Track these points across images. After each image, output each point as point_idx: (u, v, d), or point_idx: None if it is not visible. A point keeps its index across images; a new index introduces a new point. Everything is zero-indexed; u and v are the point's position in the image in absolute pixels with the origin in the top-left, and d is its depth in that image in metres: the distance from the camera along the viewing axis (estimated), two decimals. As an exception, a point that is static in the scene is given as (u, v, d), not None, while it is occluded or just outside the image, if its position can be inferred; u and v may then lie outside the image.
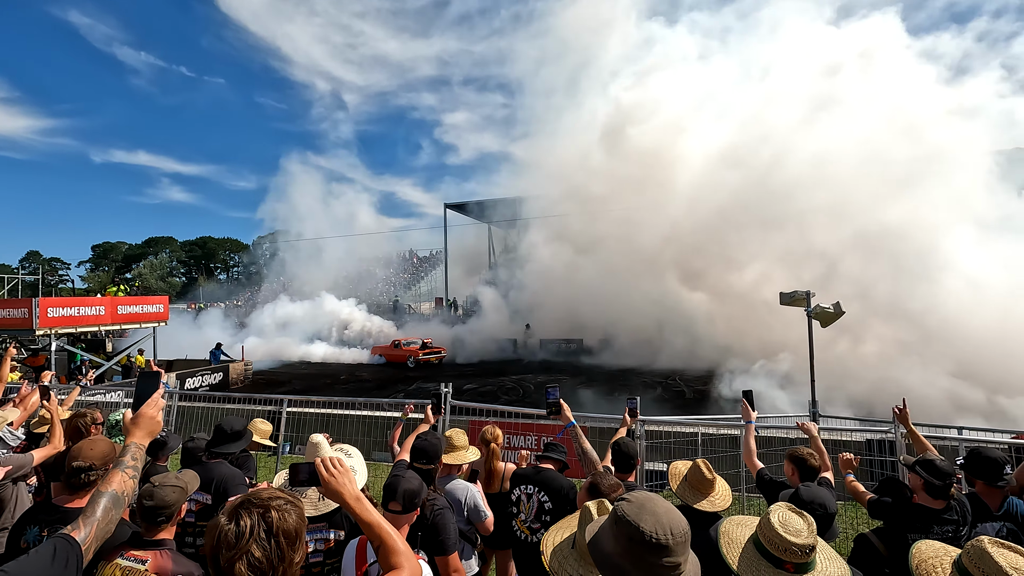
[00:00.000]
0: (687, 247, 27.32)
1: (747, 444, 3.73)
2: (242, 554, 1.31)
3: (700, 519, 3.04)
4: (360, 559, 2.38)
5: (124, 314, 19.55)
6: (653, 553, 1.28)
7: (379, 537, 1.63)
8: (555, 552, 1.82)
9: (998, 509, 3.00)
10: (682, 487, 3.18)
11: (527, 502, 3.52)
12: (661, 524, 1.30)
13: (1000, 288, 17.22)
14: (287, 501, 1.44)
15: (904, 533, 2.87)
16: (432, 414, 4.17)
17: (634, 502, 1.37)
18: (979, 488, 3.09)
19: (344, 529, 2.96)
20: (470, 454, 3.62)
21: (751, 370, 18.10)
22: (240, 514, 1.37)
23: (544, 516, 3.44)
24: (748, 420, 3.92)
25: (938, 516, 2.86)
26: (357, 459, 2.99)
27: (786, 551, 1.76)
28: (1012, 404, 13.98)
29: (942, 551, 1.85)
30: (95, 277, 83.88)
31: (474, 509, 3.32)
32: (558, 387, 3.68)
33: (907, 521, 2.90)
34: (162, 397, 1.99)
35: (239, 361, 23.88)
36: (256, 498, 1.41)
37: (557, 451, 3.80)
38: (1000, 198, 20.67)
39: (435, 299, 44.20)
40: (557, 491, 3.46)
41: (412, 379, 23.80)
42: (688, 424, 6.27)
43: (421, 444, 2.96)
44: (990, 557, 1.62)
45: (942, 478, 2.87)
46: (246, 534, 1.33)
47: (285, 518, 1.39)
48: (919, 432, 3.62)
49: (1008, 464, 3.04)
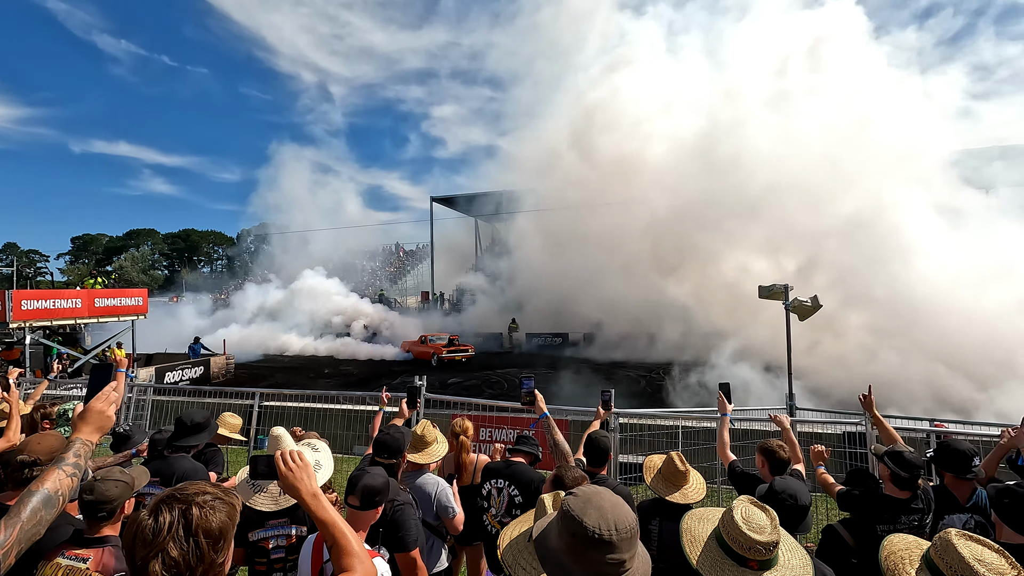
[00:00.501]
0: (665, 241, 27.56)
1: (721, 436, 3.73)
2: (157, 552, 1.23)
3: (673, 511, 3.04)
4: (317, 555, 2.32)
5: (101, 307, 19.13)
6: (596, 549, 1.23)
7: (332, 536, 1.57)
8: (510, 546, 1.76)
9: (967, 501, 3.00)
10: (656, 480, 3.17)
11: (497, 496, 3.48)
12: (605, 519, 1.24)
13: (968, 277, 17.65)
14: (216, 498, 1.34)
15: (872, 524, 2.87)
16: (407, 408, 4.12)
17: (580, 496, 1.32)
18: (948, 480, 3.10)
19: (307, 525, 2.89)
20: (440, 447, 3.53)
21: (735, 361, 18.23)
22: (160, 509, 1.28)
23: (514, 510, 3.40)
24: (723, 412, 3.91)
25: (905, 506, 2.87)
26: (324, 453, 2.91)
27: (750, 549, 1.71)
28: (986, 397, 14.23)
29: (913, 544, 1.83)
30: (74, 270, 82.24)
31: (443, 506, 3.24)
32: (533, 378, 3.63)
33: (875, 512, 2.90)
34: (125, 389, 1.89)
35: (220, 355, 23.56)
36: (181, 493, 1.32)
37: (528, 444, 3.76)
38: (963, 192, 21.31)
39: (421, 293, 44.00)
40: (527, 484, 3.43)
41: (396, 373, 23.66)
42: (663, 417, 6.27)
43: (382, 438, 2.89)
44: (955, 548, 1.62)
45: (909, 469, 2.87)
46: (163, 531, 1.25)
47: (208, 516, 1.29)
48: (887, 423, 3.62)
49: (976, 456, 3.05)
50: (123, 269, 75.37)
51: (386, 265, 48.80)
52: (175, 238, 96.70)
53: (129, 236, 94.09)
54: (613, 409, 4.93)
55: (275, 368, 26.18)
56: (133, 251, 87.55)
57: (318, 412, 9.60)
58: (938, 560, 1.65)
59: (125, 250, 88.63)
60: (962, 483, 3.05)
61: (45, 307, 17.37)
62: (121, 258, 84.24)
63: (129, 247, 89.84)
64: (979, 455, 3.10)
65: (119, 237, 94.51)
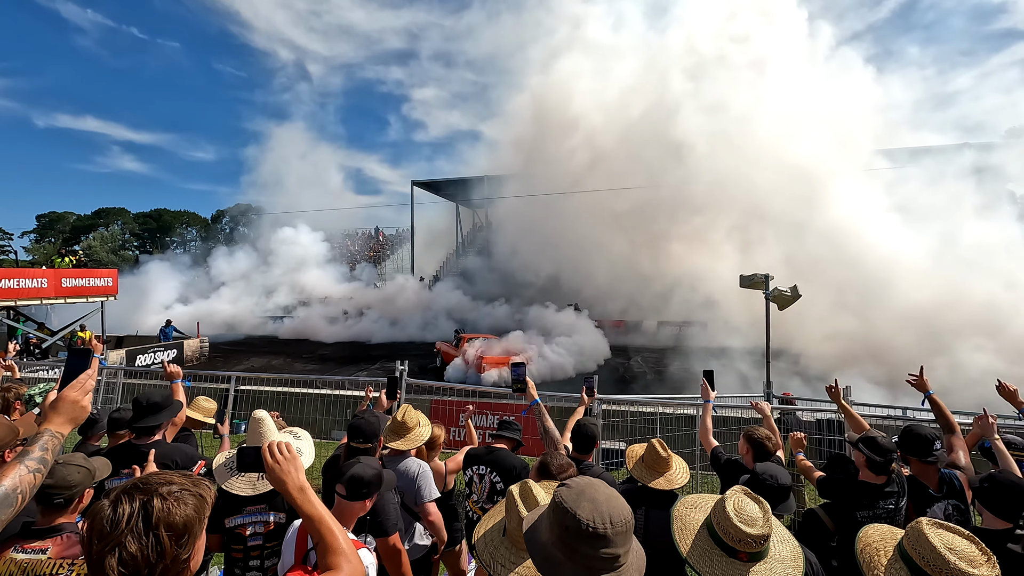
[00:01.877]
0: (640, 223, 27.90)
1: (703, 423, 3.75)
2: (113, 546, 1.14)
3: (657, 498, 3.06)
4: (301, 542, 2.26)
5: (69, 287, 18.54)
6: (589, 543, 1.18)
7: (319, 532, 1.50)
8: (485, 541, 1.73)
9: (938, 488, 3.07)
10: (638, 467, 3.17)
11: (479, 482, 3.46)
12: (600, 512, 1.19)
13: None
14: (183, 489, 1.25)
15: (852, 511, 2.93)
16: (385, 399, 4.00)
17: (573, 488, 1.26)
18: (913, 466, 3.17)
19: (284, 511, 2.83)
20: (423, 430, 3.44)
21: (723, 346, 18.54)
22: (121, 500, 1.19)
23: (496, 496, 3.39)
24: (706, 399, 3.94)
25: (881, 491, 2.93)
26: (305, 441, 2.85)
27: (740, 541, 1.71)
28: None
29: (888, 534, 1.85)
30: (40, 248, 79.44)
31: (419, 487, 3.16)
32: (524, 365, 3.59)
33: (854, 498, 2.95)
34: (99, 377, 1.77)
35: (193, 338, 23.08)
36: (144, 482, 1.23)
37: (511, 429, 3.74)
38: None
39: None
40: (508, 471, 3.41)
41: (375, 357, 23.49)
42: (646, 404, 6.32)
43: (356, 423, 2.83)
44: (926, 538, 1.65)
45: (882, 454, 2.93)
46: (121, 524, 1.16)
47: (172, 509, 1.20)
48: (855, 411, 3.69)
49: (938, 440, 3.12)
50: (92, 249, 73.02)
51: (366, 249, 48.17)
52: (146, 218, 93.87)
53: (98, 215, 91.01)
54: (597, 395, 4.93)
55: (252, 351, 25.78)
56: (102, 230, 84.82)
57: (296, 396, 9.42)
58: (911, 550, 1.68)
59: (94, 229, 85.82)
60: (927, 468, 3.11)
61: (9, 287, 16.78)
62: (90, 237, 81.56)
63: (98, 226, 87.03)
64: (940, 439, 3.17)
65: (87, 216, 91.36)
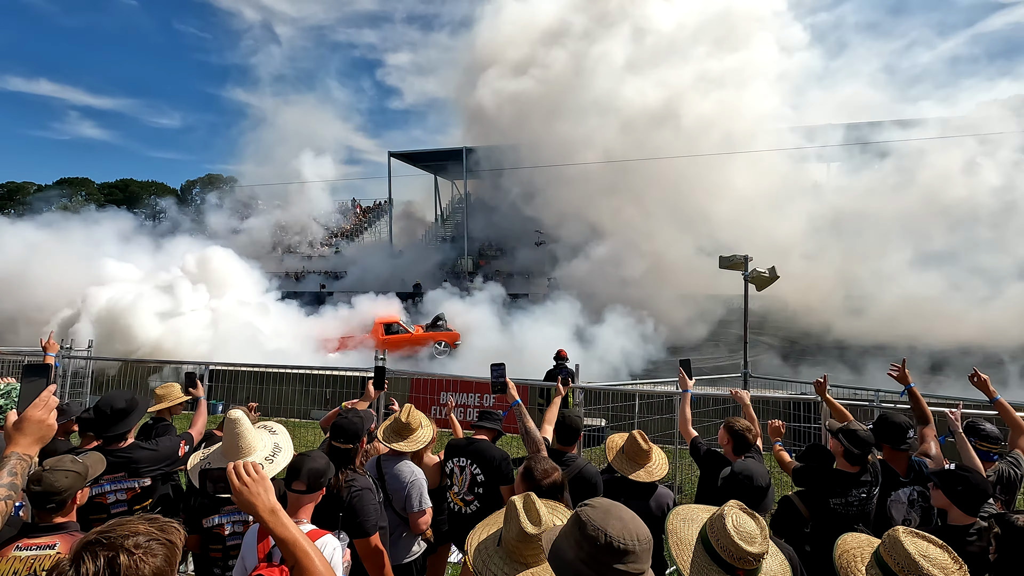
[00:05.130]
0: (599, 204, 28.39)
1: (683, 412, 3.79)
2: None
3: (637, 489, 3.10)
4: (263, 541, 2.22)
5: (31, 263, 17.85)
6: (620, 559, 1.28)
7: (294, 556, 1.46)
8: (479, 551, 1.73)
9: (906, 473, 3.17)
10: (619, 459, 3.21)
11: (460, 474, 3.46)
12: (628, 530, 1.31)
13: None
14: (151, 538, 1.17)
15: (826, 498, 3.01)
16: (373, 389, 3.91)
17: (599, 508, 1.37)
18: (885, 453, 3.26)
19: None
20: (426, 431, 3.38)
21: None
22: (83, 558, 1.11)
23: (476, 488, 3.40)
24: (684, 389, 3.98)
25: (855, 480, 3.01)
26: (282, 435, 2.76)
27: (740, 559, 1.73)
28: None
29: (864, 542, 1.91)
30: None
31: (410, 497, 3.10)
32: (504, 365, 3.56)
33: (828, 487, 3.03)
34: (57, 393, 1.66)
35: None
36: (108, 536, 1.15)
37: (491, 420, 3.72)
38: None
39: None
40: (489, 462, 3.41)
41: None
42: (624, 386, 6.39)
43: (340, 421, 2.77)
44: (902, 545, 1.72)
45: (861, 447, 3.00)
46: None
47: (139, 564, 1.12)
48: (838, 403, 3.76)
49: (912, 429, 3.21)
50: (55, 221, 70.27)
51: (342, 222, 47.28)
52: (112, 188, 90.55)
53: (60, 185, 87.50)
54: (574, 383, 4.95)
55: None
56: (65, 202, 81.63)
57: (272, 375, 9.27)
58: (887, 557, 1.74)
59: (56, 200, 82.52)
60: (898, 455, 3.22)
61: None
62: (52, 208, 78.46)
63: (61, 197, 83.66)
64: (914, 428, 3.27)
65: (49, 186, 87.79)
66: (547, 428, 3.56)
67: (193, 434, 3.43)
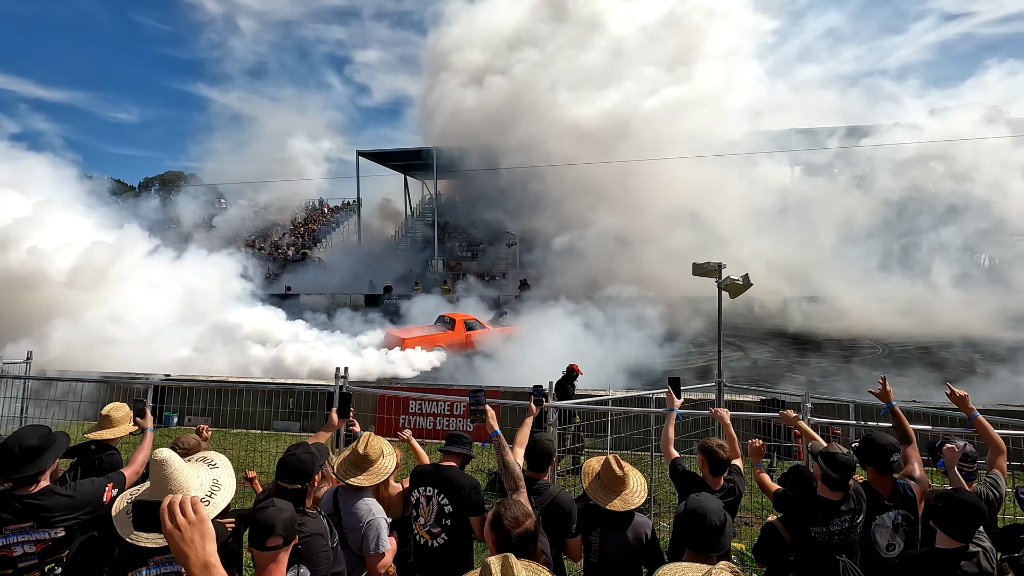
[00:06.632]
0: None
1: (666, 432, 3.63)
2: None
3: (614, 518, 2.93)
4: None
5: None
6: None
7: None
8: None
9: (891, 497, 3.07)
10: (594, 486, 3.03)
11: (426, 505, 3.21)
12: None
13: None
14: None
15: (806, 526, 2.88)
16: (336, 417, 3.57)
17: None
18: (870, 475, 3.16)
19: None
20: (388, 461, 3.11)
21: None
22: None
23: (444, 520, 3.16)
24: (671, 407, 3.82)
25: (836, 508, 2.89)
26: (223, 470, 2.45)
27: None
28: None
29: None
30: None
31: (366, 538, 2.84)
32: (483, 391, 3.33)
33: (807, 515, 2.91)
34: None
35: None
36: None
37: (460, 444, 3.48)
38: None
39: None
40: (457, 491, 3.18)
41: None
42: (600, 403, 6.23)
43: (287, 459, 2.46)
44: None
45: (840, 471, 2.88)
46: None
47: None
48: (812, 432, 3.66)
49: (896, 452, 3.11)
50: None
51: (309, 222, 46.11)
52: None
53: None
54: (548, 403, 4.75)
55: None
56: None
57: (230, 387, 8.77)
58: None
59: (3, 197, 78.33)
60: (883, 478, 3.12)
61: None
62: None
63: (8, 194, 79.46)
64: (899, 450, 3.17)
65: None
66: (518, 451, 3.35)
67: (127, 475, 2.98)
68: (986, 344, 18.96)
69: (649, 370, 14.75)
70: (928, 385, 13.23)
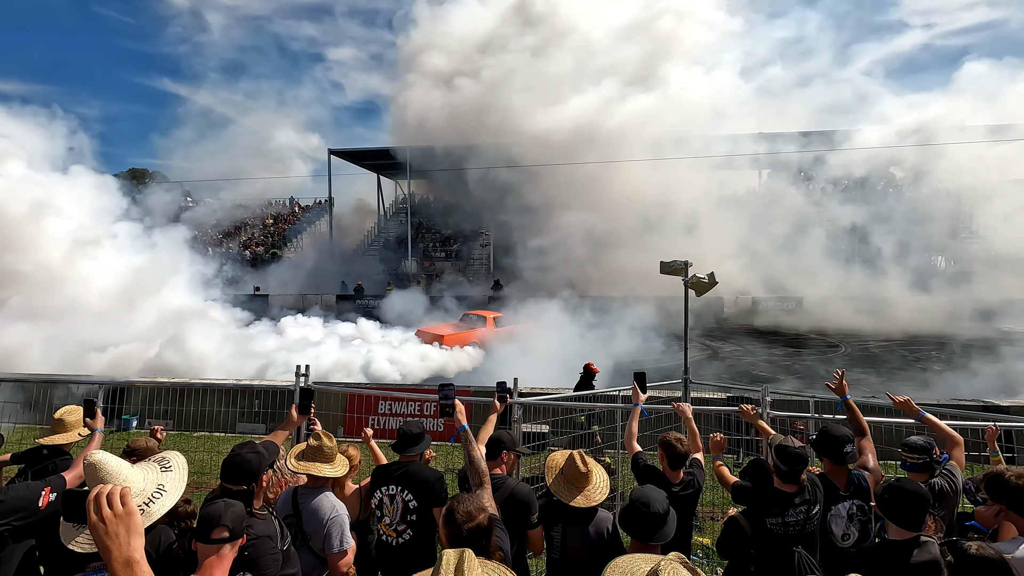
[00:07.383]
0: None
1: (629, 427, 3.66)
2: None
3: (578, 515, 2.93)
4: None
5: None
6: None
7: None
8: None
9: (846, 487, 3.14)
10: (557, 482, 3.02)
11: (390, 504, 3.16)
12: None
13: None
14: None
15: (763, 518, 2.92)
16: (296, 414, 3.40)
17: None
18: (826, 466, 3.23)
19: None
20: (338, 467, 3.08)
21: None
22: None
23: (409, 516, 3.12)
24: (636, 402, 3.84)
25: (791, 500, 2.94)
26: (175, 473, 2.31)
27: None
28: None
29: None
30: None
31: (329, 536, 2.79)
32: (452, 385, 3.29)
33: (763, 507, 2.95)
34: None
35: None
36: None
37: (419, 443, 3.43)
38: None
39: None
40: (422, 485, 3.15)
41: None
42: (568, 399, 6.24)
43: (232, 459, 2.37)
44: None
45: (791, 464, 2.92)
46: None
47: None
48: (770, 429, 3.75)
49: (850, 443, 3.17)
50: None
51: (280, 222, 45.20)
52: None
53: (-42, 177, 79.30)
54: (512, 399, 4.74)
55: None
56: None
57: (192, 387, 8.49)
58: None
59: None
60: (839, 469, 3.19)
61: None
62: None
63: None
64: (853, 441, 3.24)
65: (-56, 177, 79.37)
66: (481, 448, 3.33)
67: (68, 479, 2.83)
68: (945, 341, 19.75)
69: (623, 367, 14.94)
70: (890, 380, 13.66)
